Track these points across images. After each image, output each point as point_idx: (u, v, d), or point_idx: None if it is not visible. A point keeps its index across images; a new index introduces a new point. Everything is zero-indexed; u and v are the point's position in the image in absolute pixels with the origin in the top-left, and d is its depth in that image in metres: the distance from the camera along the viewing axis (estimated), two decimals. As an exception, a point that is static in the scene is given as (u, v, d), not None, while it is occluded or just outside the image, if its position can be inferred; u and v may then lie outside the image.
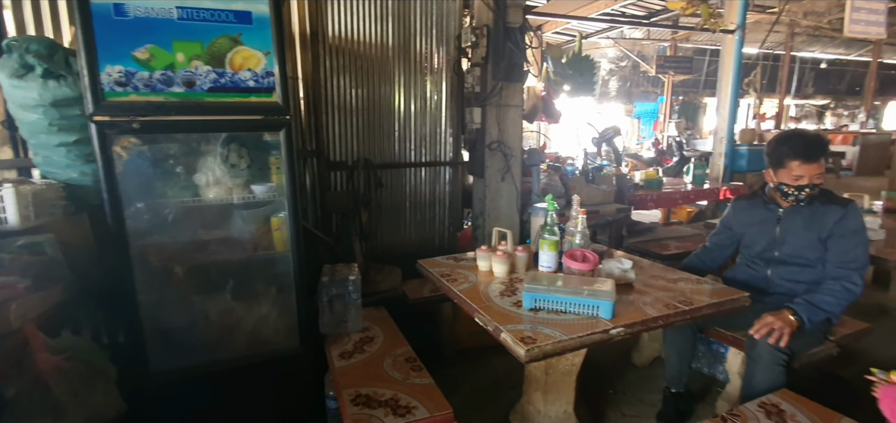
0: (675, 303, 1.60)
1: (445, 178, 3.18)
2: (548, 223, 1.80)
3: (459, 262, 2.18)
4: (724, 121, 5.24)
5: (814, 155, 1.83)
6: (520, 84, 2.76)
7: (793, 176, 1.86)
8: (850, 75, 16.76)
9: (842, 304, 1.80)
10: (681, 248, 3.32)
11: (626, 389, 2.39)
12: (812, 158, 1.82)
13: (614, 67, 13.53)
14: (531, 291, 1.55)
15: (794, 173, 1.86)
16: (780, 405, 1.49)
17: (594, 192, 3.61)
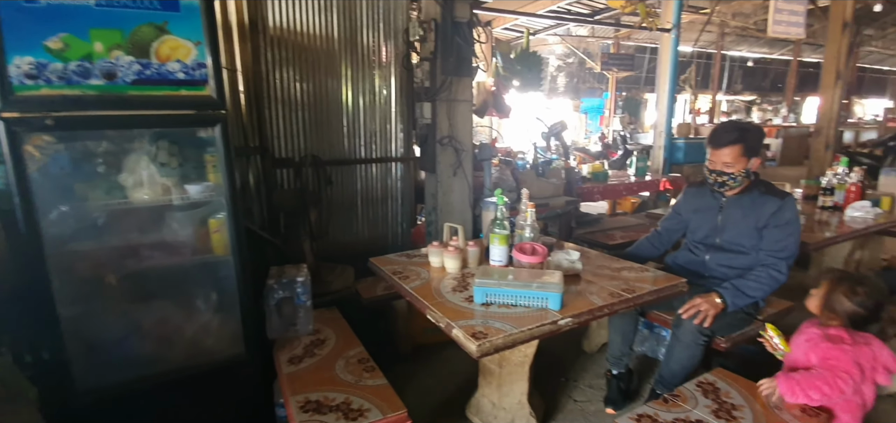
0: (620, 291, 1.65)
1: (397, 174, 3.14)
2: (498, 218, 1.81)
3: (412, 259, 2.16)
4: (663, 115, 5.51)
5: (718, 142, 1.97)
6: (469, 79, 2.76)
7: (709, 161, 2.03)
8: (773, 73, 18.17)
9: (766, 290, 1.93)
10: (625, 237, 3.46)
11: (577, 375, 2.47)
12: (717, 144, 1.97)
13: (562, 64, 13.93)
14: (482, 285, 1.55)
15: (709, 159, 2.02)
16: (716, 383, 1.58)
17: (544, 185, 3.70)
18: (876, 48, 15.37)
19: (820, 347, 1.45)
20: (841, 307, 1.46)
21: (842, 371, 1.37)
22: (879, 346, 1.44)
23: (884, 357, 1.43)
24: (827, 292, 1.51)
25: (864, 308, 1.43)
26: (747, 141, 1.95)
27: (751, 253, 2.03)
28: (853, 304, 1.43)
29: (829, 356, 1.42)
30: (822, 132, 4.81)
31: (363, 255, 2.30)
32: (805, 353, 1.51)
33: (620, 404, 2.20)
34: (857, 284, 1.45)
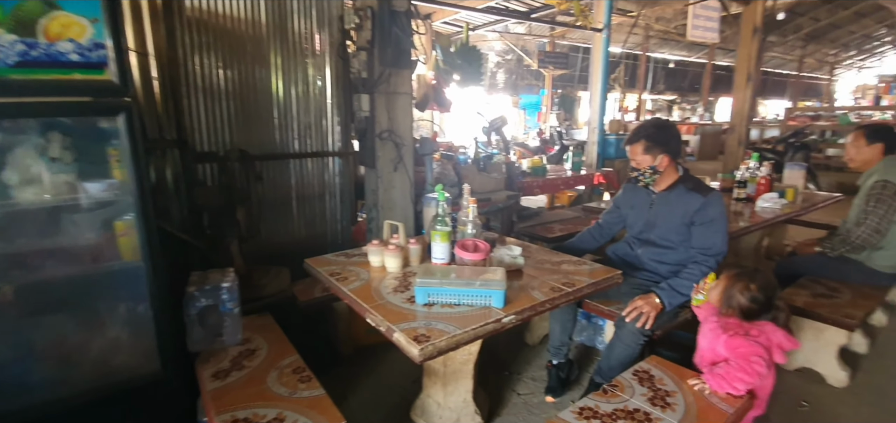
0: (560, 285, 1.66)
1: (334, 169, 3.00)
2: (439, 214, 1.76)
3: (351, 258, 2.05)
4: (596, 112, 5.75)
5: (628, 140, 2.13)
6: (409, 71, 2.68)
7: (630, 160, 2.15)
8: (691, 74, 19.66)
9: None
10: (564, 230, 3.55)
11: (520, 368, 2.49)
12: (627, 142, 2.13)
13: (501, 60, 14.18)
14: (424, 285, 1.49)
15: (629, 157, 2.15)
16: (651, 371, 1.64)
17: (486, 180, 3.70)
18: (777, 54, 17.13)
19: (721, 338, 1.57)
20: (736, 302, 1.57)
21: (753, 356, 1.48)
22: (772, 329, 1.57)
23: (778, 338, 1.56)
24: (725, 287, 1.61)
25: (756, 303, 1.55)
26: (651, 138, 2.05)
27: (679, 248, 2.12)
28: (746, 299, 1.55)
29: (735, 345, 1.52)
30: (736, 129, 5.24)
31: (300, 255, 2.17)
32: (711, 342, 1.62)
33: (559, 392, 2.25)
34: (751, 280, 1.56)
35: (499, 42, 13.08)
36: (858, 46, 19.73)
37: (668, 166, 2.11)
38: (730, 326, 1.58)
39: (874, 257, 2.51)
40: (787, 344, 1.57)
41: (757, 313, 1.56)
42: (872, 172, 2.59)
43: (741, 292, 1.56)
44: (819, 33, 17.01)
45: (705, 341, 1.67)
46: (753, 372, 1.46)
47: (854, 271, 2.56)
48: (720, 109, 20.15)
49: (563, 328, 2.23)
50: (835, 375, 2.28)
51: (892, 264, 2.48)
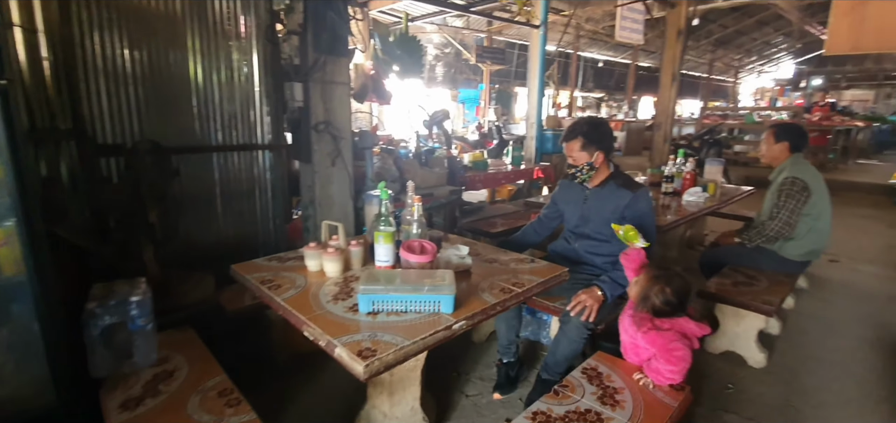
0: (510, 286, 1.62)
1: (265, 163, 2.76)
2: (382, 213, 1.65)
3: (285, 262, 1.88)
4: (534, 107, 5.85)
5: (565, 137, 2.17)
6: (346, 60, 2.52)
7: (566, 157, 2.19)
8: (617, 74, 20.84)
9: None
10: (506, 224, 3.56)
11: (468, 368, 2.44)
12: (564, 139, 2.17)
13: (440, 53, 14.13)
14: (367, 293, 1.38)
15: (566, 154, 2.18)
16: (598, 368, 1.65)
17: (428, 175, 3.62)
18: (691, 57, 18.58)
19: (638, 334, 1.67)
20: (650, 303, 1.66)
21: (671, 344, 1.58)
22: (685, 320, 1.68)
23: (690, 328, 1.68)
24: (644, 286, 1.69)
25: (669, 306, 1.64)
26: (587, 135, 2.10)
27: (613, 241, 2.16)
28: (660, 301, 1.64)
29: (651, 340, 1.63)
30: (662, 127, 5.57)
31: (228, 258, 1.96)
32: (632, 337, 1.72)
33: (508, 389, 2.23)
34: (667, 284, 1.64)
35: (437, 35, 13.00)
36: (759, 52, 21.95)
37: (603, 163, 2.16)
38: (643, 321, 1.66)
39: (786, 247, 2.74)
40: (697, 331, 1.69)
41: (668, 314, 1.65)
42: (782, 169, 2.82)
43: (657, 295, 1.64)
44: (727, 39, 18.69)
45: (627, 335, 1.76)
46: (678, 359, 1.56)
47: (768, 260, 2.78)
48: (643, 107, 21.56)
49: (509, 327, 2.21)
50: (754, 357, 2.45)
51: (801, 252, 2.73)
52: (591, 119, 2.20)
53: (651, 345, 1.63)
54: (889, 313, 3.18)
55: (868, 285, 3.71)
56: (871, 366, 2.51)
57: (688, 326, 1.67)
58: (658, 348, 1.60)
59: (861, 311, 3.19)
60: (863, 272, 4.00)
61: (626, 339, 1.77)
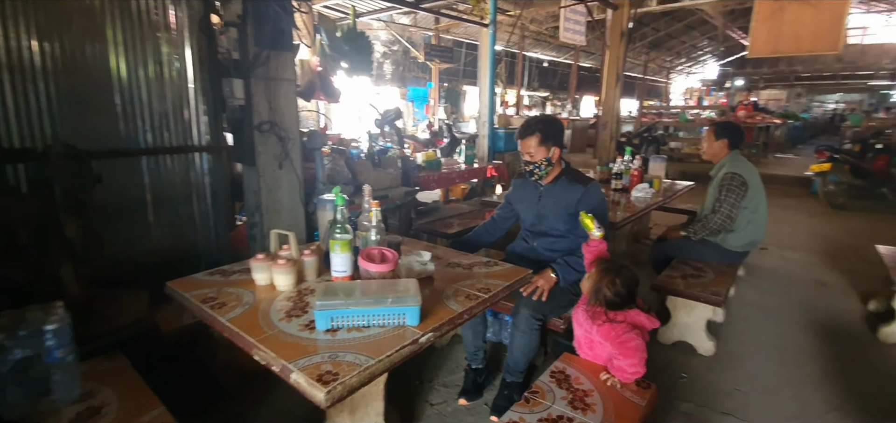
0: (476, 291, 1.56)
1: (203, 166, 2.53)
2: (338, 220, 1.53)
3: (230, 276, 1.71)
4: (485, 106, 5.86)
5: (521, 134, 2.16)
6: (291, 55, 2.35)
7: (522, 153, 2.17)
8: (560, 74, 21.53)
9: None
10: (462, 224, 3.52)
11: (432, 375, 2.36)
12: (520, 136, 2.16)
13: (387, 51, 13.92)
14: (325, 308, 1.26)
15: (523, 151, 2.16)
16: (566, 370, 1.62)
17: (382, 176, 3.50)
18: (628, 58, 19.51)
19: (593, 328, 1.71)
20: (602, 296, 1.72)
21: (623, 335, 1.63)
22: (636, 312, 1.74)
23: (641, 320, 1.74)
24: (595, 280, 1.74)
25: (620, 297, 1.70)
26: (544, 131, 2.11)
27: (569, 236, 2.19)
28: (612, 293, 1.70)
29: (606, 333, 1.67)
30: (607, 125, 5.76)
31: (164, 272, 1.77)
32: (586, 331, 1.76)
33: (474, 395, 2.18)
34: (616, 275, 1.71)
35: (384, 32, 12.79)
36: (688, 54, 23.52)
37: (558, 159, 2.18)
38: (597, 315, 1.72)
39: (728, 239, 2.88)
40: (648, 324, 1.75)
41: (620, 306, 1.71)
42: (722, 165, 2.97)
43: (607, 287, 1.69)
44: (659, 42, 19.86)
45: (581, 329, 1.79)
46: (633, 349, 1.60)
47: (712, 252, 2.92)
48: (585, 106, 22.42)
49: (476, 333, 2.16)
50: (704, 345, 2.56)
51: (741, 244, 2.88)
52: (546, 116, 2.20)
53: (605, 338, 1.67)
54: (816, 297, 3.45)
55: (795, 271, 4.02)
56: (805, 348, 2.69)
57: (639, 318, 1.73)
58: (612, 340, 1.64)
59: (792, 296, 3.44)
60: (789, 259, 4.33)
61: (580, 333, 1.81)
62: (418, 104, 14.40)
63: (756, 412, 2.14)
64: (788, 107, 20.94)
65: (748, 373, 2.43)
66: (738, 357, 2.58)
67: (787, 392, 2.29)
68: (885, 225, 5.51)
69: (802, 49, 7.69)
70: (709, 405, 2.18)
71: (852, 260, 4.25)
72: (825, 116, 21.97)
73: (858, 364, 2.53)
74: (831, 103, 27.54)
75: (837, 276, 3.86)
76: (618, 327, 1.66)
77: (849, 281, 3.72)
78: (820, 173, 6.36)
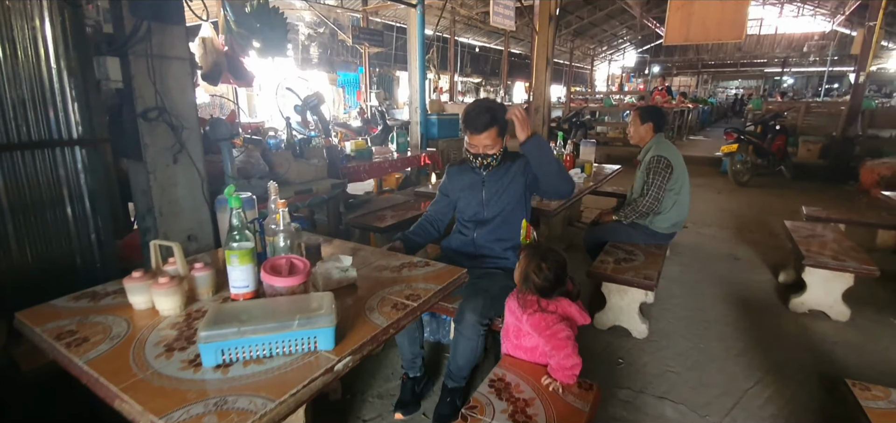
0: (404, 300, 1.37)
1: (76, 164, 2.10)
2: (234, 225, 1.27)
3: (100, 301, 1.39)
4: (416, 91, 5.65)
5: (475, 126, 1.97)
6: (181, 28, 1.99)
7: (470, 145, 2.02)
8: (491, 60, 21.75)
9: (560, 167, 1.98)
10: (396, 217, 3.31)
11: (363, 387, 2.15)
12: (475, 129, 1.97)
13: (313, 33, 13.18)
14: (212, 339, 1.01)
15: (469, 142, 2.02)
16: (505, 377, 1.49)
17: (304, 168, 3.19)
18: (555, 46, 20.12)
19: (523, 317, 1.63)
20: (531, 281, 1.65)
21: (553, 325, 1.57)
22: (567, 303, 1.69)
23: (571, 311, 1.69)
24: (523, 267, 1.68)
25: (548, 281, 1.64)
26: (500, 123, 1.99)
27: (512, 219, 2.08)
28: (540, 279, 1.64)
29: (536, 323, 1.60)
30: (539, 110, 5.78)
31: (30, 293, 1.41)
32: (517, 318, 1.68)
33: (412, 407, 2.01)
34: (542, 260, 1.64)
35: (308, 13, 12.07)
36: (609, 43, 24.76)
37: None
38: (529, 304, 1.65)
39: (655, 221, 2.93)
40: (579, 318, 1.70)
41: (550, 290, 1.65)
42: (649, 148, 3.01)
43: (535, 272, 1.64)
44: (583, 30, 20.68)
45: (512, 316, 1.71)
46: (564, 340, 1.54)
47: (642, 234, 2.97)
48: (516, 91, 22.87)
49: (412, 340, 1.99)
50: (638, 328, 2.58)
51: (668, 225, 2.95)
52: (497, 105, 2.03)
53: (534, 328, 1.60)
54: (730, 270, 3.66)
55: (711, 246, 4.26)
56: (726, 321, 2.81)
57: (570, 309, 1.68)
58: (541, 331, 1.57)
59: (710, 271, 3.62)
60: (705, 235, 4.59)
61: (510, 321, 1.73)
62: (349, 90, 13.83)
63: (688, 391, 2.17)
64: (697, 93, 22.76)
65: (678, 351, 2.48)
66: (667, 335, 2.63)
67: (713, 367, 2.36)
68: (783, 200, 6.06)
69: (710, 37, 8.27)
70: (645, 389, 2.18)
71: (759, 234, 4.60)
72: (728, 101, 24.16)
73: (773, 334, 2.68)
74: (733, 89, 30.38)
75: (748, 250, 4.13)
76: (548, 317, 1.59)
77: (758, 254, 4.00)
78: (728, 154, 6.86)
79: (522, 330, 1.65)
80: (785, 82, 26.25)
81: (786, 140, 7.10)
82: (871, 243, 4.00)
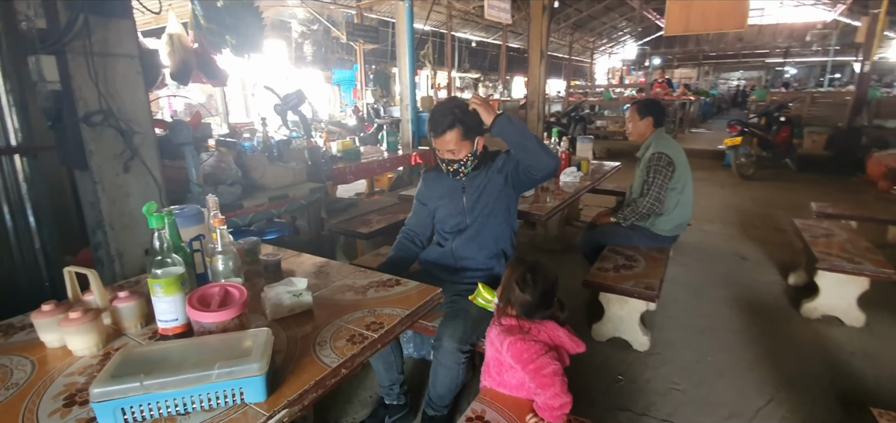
0: (362, 330, 1.18)
1: (15, 174, 1.91)
2: (154, 248, 1.07)
3: (12, 336, 1.20)
4: (406, 88, 5.45)
5: (436, 129, 1.77)
6: (128, 21, 1.79)
7: (437, 150, 1.84)
8: (490, 55, 21.50)
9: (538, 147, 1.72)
10: (383, 221, 3.12)
11: (338, 414, 1.96)
12: (436, 131, 1.77)
13: (306, 30, 12.96)
14: (109, 397, 0.82)
15: (437, 149, 1.82)
16: (485, 414, 1.30)
17: (281, 172, 2.99)
18: (553, 39, 19.89)
19: (505, 344, 1.41)
20: (515, 297, 1.44)
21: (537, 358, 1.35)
22: (553, 327, 1.47)
23: (560, 337, 1.47)
24: (506, 279, 1.47)
25: (533, 297, 1.42)
26: (465, 122, 1.76)
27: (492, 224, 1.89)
28: (526, 294, 1.42)
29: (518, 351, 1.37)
30: (534, 105, 5.57)
31: None
32: (496, 350, 1.47)
33: None
34: (530, 270, 1.43)
35: (301, 10, 11.86)
36: (608, 35, 24.46)
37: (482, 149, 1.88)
38: (512, 329, 1.43)
39: (657, 223, 2.73)
40: (570, 346, 1.47)
41: (535, 308, 1.43)
42: (649, 145, 2.80)
43: (519, 282, 1.43)
44: (582, 23, 20.40)
45: (492, 348, 1.50)
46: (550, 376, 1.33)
47: (642, 237, 2.76)
48: (516, 86, 22.62)
49: (388, 365, 1.80)
50: (639, 340, 2.38)
51: (671, 227, 2.74)
52: (459, 102, 1.82)
53: (516, 359, 1.37)
54: (736, 271, 3.46)
55: (716, 244, 4.06)
56: (733, 329, 2.61)
57: (556, 334, 1.46)
58: (524, 364, 1.35)
59: (715, 271, 3.42)
60: (709, 232, 4.39)
61: (491, 354, 1.51)
62: (345, 88, 13.62)
63: (694, 413, 1.97)
64: (698, 85, 22.49)
65: (683, 365, 2.29)
66: (672, 346, 2.44)
67: (721, 383, 2.16)
68: (789, 193, 5.84)
69: (710, 27, 8.04)
70: (648, 410, 1.98)
71: (765, 230, 4.39)
72: (730, 92, 23.87)
73: (786, 344, 2.48)
74: (734, 80, 30.04)
75: (754, 248, 3.93)
76: (532, 347, 1.36)
77: (765, 253, 3.79)
78: (732, 146, 6.65)
79: (504, 362, 1.45)
80: (787, 73, 25.93)
81: (791, 131, 6.88)
82: (882, 239, 3.80)
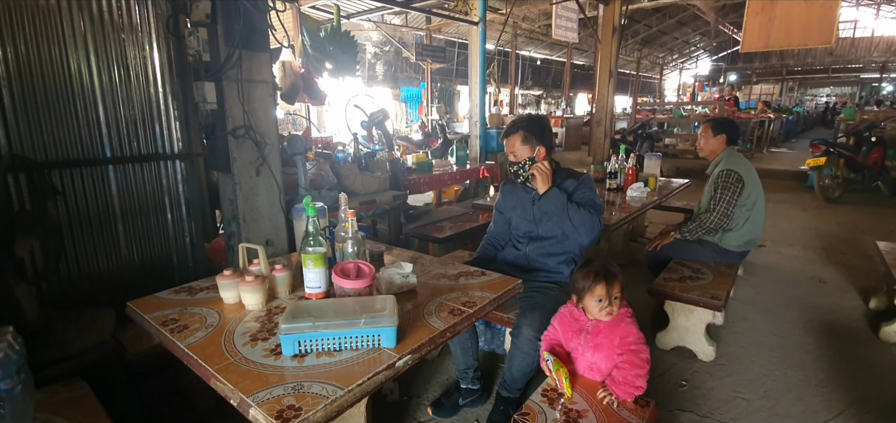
0: (460, 306, 1.44)
1: (176, 175, 2.40)
2: (310, 232, 1.41)
3: (196, 294, 1.59)
4: (476, 105, 5.75)
5: (505, 133, 2.16)
6: (266, 54, 2.23)
7: (507, 151, 2.16)
8: (554, 72, 21.47)
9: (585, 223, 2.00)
10: (454, 228, 3.41)
11: (420, 390, 2.24)
12: (505, 135, 2.17)
13: (379, 51, 13.79)
14: (291, 332, 1.14)
15: (507, 151, 2.15)
16: (559, 389, 1.51)
17: (369, 180, 3.38)
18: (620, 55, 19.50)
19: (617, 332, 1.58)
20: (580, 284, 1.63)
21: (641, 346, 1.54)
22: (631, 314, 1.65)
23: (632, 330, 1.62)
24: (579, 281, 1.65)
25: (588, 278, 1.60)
26: (528, 129, 2.09)
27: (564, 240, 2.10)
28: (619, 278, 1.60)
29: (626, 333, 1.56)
30: (601, 123, 5.66)
31: (134, 287, 1.66)
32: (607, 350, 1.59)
33: (446, 411, 2.07)
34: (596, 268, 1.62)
35: (375, 32, 12.67)
36: (680, 50, 23.55)
37: (545, 158, 2.11)
38: (622, 317, 1.59)
39: (725, 238, 2.79)
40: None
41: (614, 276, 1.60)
42: (718, 162, 2.87)
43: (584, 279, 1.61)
44: (651, 38, 19.85)
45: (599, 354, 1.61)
46: (644, 361, 1.50)
47: (710, 252, 2.83)
48: (579, 103, 22.38)
49: (465, 350, 2.05)
50: (704, 350, 2.46)
51: (740, 243, 2.79)
52: (530, 115, 2.20)
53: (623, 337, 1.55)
54: (814, 294, 3.36)
55: (792, 267, 3.94)
56: (806, 349, 2.60)
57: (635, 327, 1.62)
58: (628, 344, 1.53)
59: (790, 294, 3.35)
60: (786, 255, 4.25)
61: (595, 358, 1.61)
62: (412, 105, 14.29)
63: (759, 421, 2.04)
64: (780, 101, 21.00)
65: (749, 377, 2.33)
66: (738, 360, 2.48)
67: (788, 398, 2.19)
68: (880, 218, 5.45)
69: (794, 43, 7.63)
70: (711, 414, 2.08)
71: (849, 255, 4.18)
72: (818, 110, 22.03)
73: (860, 365, 2.44)
74: (823, 97, 27.67)
75: (835, 272, 3.78)
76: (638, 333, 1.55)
77: (847, 277, 3.64)
78: (815, 167, 6.29)
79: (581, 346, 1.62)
80: (884, 89, 23.50)
81: (883, 153, 6.38)
82: None
